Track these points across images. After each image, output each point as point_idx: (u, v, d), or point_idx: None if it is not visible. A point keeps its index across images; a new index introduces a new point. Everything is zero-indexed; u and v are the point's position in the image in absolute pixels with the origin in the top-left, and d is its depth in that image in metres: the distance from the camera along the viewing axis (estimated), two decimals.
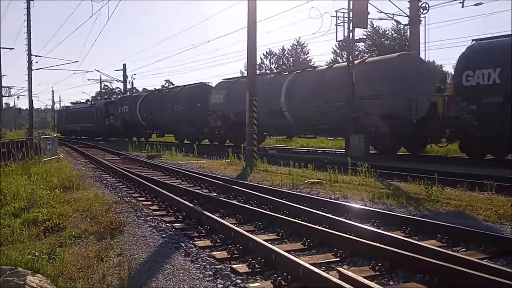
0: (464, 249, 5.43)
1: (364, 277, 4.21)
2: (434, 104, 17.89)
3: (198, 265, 4.79)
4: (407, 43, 39.00)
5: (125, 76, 54.34)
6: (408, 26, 24.34)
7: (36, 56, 33.74)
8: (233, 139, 28.03)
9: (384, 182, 10.66)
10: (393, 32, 49.90)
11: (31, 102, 34.35)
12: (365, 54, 46.28)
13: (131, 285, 4.12)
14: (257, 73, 20.66)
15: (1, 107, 60.33)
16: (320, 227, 6.12)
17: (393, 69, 18.36)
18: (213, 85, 31.88)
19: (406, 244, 5.15)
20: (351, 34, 19.67)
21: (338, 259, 5.11)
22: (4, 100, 68.47)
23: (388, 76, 18.16)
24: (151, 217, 7.30)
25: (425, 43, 22.81)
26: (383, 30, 50.70)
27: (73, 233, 6.12)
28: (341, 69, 20.52)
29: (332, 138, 30.34)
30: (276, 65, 67.64)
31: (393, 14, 23.52)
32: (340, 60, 45.56)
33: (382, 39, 50.65)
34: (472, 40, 16.71)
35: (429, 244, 5.26)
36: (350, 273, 4.25)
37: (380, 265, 4.67)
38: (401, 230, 6.26)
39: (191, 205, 7.92)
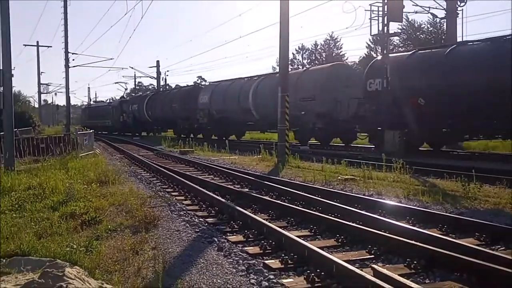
0: (503, 248, 5.27)
1: (399, 275, 4.12)
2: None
3: (231, 260, 4.81)
4: (443, 37, 38.09)
5: (158, 72, 55.07)
6: (445, 19, 23.73)
7: (72, 53, 34.29)
8: (217, 133, 33.28)
9: (420, 179, 10.43)
10: (429, 25, 48.68)
11: (68, 98, 35.08)
12: (400, 48, 45.33)
13: (165, 278, 4.17)
14: (289, 68, 20.78)
15: (40, 104, 62.50)
16: (353, 224, 6.04)
17: (324, 76, 22.59)
18: None
19: (442, 242, 5.03)
20: (385, 28, 19.32)
21: (373, 256, 5.04)
22: (43, 97, 70.64)
23: (320, 82, 22.37)
24: (185, 212, 7.37)
25: (462, 36, 22.18)
26: (418, 23, 49.54)
27: (109, 226, 6.25)
28: (293, 75, 24.01)
29: None
30: (309, 60, 66.92)
31: (429, 7, 23.02)
32: (374, 55, 44.80)
33: (418, 33, 49.46)
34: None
35: (467, 242, 5.12)
36: (385, 271, 4.17)
37: (415, 263, 4.58)
38: (437, 228, 6.11)
39: (223, 200, 7.97)
